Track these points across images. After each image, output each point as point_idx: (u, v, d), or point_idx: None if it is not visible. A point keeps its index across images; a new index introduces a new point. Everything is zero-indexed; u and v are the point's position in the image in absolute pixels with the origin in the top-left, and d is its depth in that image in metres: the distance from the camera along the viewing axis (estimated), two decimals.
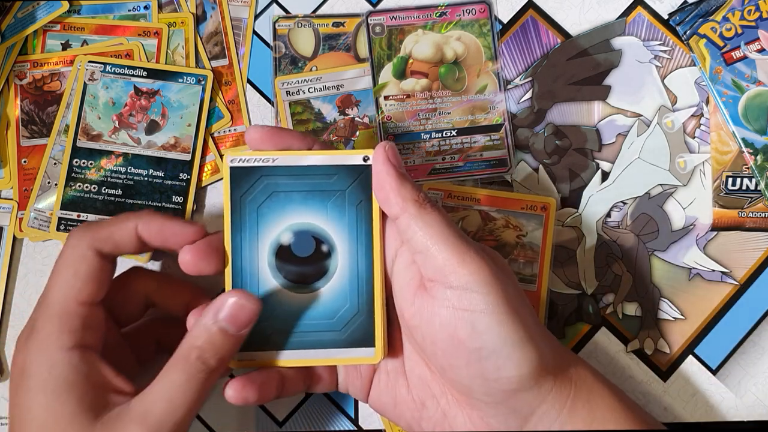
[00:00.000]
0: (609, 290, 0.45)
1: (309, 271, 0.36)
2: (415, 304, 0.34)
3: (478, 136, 0.46)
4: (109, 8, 0.48)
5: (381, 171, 0.34)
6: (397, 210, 0.33)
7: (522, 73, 0.47)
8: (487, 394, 0.33)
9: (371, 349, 0.36)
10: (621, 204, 0.46)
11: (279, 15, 0.48)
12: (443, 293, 0.33)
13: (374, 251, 0.35)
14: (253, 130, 0.35)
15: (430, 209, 0.33)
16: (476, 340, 0.32)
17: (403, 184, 0.34)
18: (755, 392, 0.44)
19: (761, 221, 0.45)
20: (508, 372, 0.32)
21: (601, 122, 0.46)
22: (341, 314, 0.36)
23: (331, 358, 0.36)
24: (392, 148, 0.34)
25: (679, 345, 0.45)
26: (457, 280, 0.32)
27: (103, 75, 0.46)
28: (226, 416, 0.45)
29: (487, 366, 0.32)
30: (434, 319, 0.33)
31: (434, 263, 0.33)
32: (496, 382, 0.33)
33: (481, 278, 0.32)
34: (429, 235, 0.33)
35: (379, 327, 0.36)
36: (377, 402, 0.38)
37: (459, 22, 0.47)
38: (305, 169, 0.35)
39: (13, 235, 0.46)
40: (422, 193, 0.34)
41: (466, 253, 0.32)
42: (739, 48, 0.45)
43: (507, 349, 0.32)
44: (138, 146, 0.46)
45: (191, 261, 0.35)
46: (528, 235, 0.44)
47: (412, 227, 0.33)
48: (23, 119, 0.47)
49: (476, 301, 0.32)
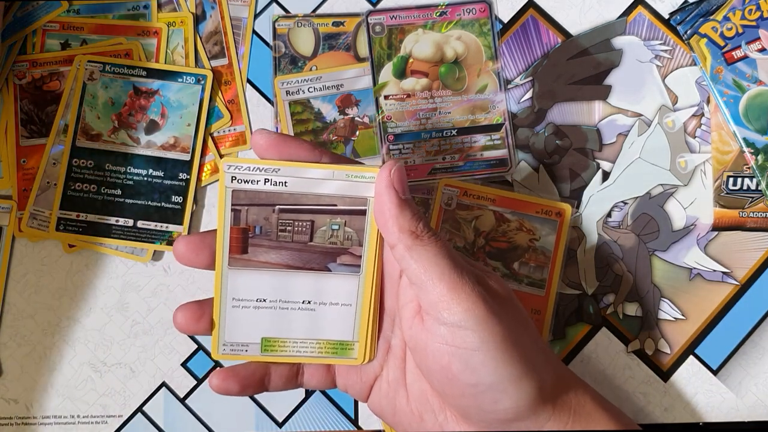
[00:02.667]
0: (609, 290, 0.45)
1: None
2: (413, 328, 0.33)
3: (479, 135, 0.46)
4: (108, 8, 0.47)
5: (382, 196, 0.33)
6: (394, 239, 0.33)
7: (522, 72, 0.47)
8: (484, 421, 0.33)
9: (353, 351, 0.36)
10: (621, 204, 0.46)
11: (279, 14, 0.48)
12: (437, 329, 0.32)
13: (368, 262, 0.35)
14: (259, 135, 0.34)
15: (426, 241, 0.32)
16: (471, 377, 0.32)
17: (402, 212, 0.33)
18: (756, 392, 0.44)
19: (762, 221, 0.45)
20: (504, 405, 0.32)
21: (602, 122, 0.46)
22: None
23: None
24: (399, 170, 0.33)
25: (679, 345, 0.45)
26: (450, 317, 0.31)
27: (103, 74, 0.46)
28: (226, 416, 0.45)
29: (483, 399, 0.32)
30: (428, 351, 0.32)
31: (429, 297, 0.32)
32: (494, 413, 0.33)
33: (476, 314, 0.31)
34: (424, 269, 0.32)
35: (365, 329, 0.36)
36: (377, 406, 0.37)
37: (459, 22, 0.47)
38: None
39: (12, 234, 0.46)
40: (422, 222, 0.33)
41: (462, 288, 0.32)
42: (740, 47, 0.45)
43: (503, 384, 0.32)
44: (137, 146, 0.46)
45: (183, 252, 0.35)
46: (541, 239, 0.44)
47: (407, 259, 0.32)
48: (22, 119, 0.47)
49: (470, 338, 0.31)
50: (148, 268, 0.46)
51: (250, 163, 0.34)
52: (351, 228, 0.35)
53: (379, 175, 0.33)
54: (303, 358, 0.36)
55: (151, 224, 0.46)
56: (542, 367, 0.34)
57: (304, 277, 0.35)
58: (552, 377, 0.34)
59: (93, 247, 0.46)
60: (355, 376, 0.37)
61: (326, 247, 0.35)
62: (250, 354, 0.36)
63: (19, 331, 0.45)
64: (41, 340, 0.45)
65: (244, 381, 0.36)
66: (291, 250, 0.35)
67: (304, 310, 0.36)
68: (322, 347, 0.36)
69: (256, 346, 0.36)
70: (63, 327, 0.46)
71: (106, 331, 0.46)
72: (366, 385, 0.37)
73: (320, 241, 0.35)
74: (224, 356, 0.36)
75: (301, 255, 0.35)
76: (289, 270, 0.35)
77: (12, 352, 0.45)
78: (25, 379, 0.45)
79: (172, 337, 0.46)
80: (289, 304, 0.36)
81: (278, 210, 0.35)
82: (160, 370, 0.45)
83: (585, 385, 0.36)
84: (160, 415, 0.45)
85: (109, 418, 0.45)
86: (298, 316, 0.36)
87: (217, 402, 0.45)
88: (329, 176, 0.34)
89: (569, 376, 0.36)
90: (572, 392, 0.35)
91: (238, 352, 0.36)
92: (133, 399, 0.45)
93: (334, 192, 0.34)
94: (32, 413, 0.45)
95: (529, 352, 0.33)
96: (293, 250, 0.35)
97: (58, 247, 0.46)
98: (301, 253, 0.35)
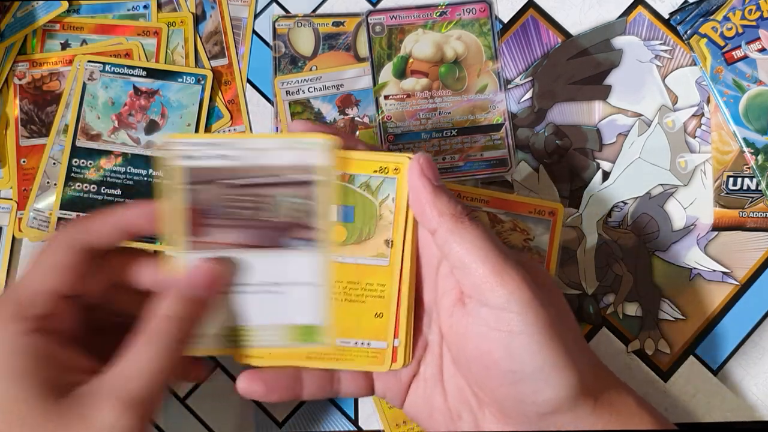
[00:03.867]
0: (609, 290, 0.45)
1: None
2: (453, 316, 0.33)
3: (479, 135, 0.46)
4: (108, 8, 0.47)
5: (416, 185, 0.33)
6: (434, 224, 0.32)
7: (522, 72, 0.47)
8: (523, 414, 0.32)
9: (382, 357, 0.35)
10: (621, 204, 0.46)
11: (279, 14, 0.48)
12: (479, 311, 0.32)
13: (404, 259, 0.34)
14: (295, 125, 0.35)
15: (468, 224, 0.32)
16: (511, 363, 0.31)
17: (439, 197, 0.33)
18: (756, 393, 0.44)
19: (762, 221, 0.45)
20: (544, 395, 0.31)
21: (602, 122, 0.46)
22: None
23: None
24: (427, 160, 0.33)
25: (679, 345, 0.45)
26: (494, 299, 0.31)
27: (103, 75, 0.46)
28: (226, 416, 0.45)
29: (522, 389, 0.31)
30: (469, 337, 0.32)
31: (472, 280, 0.32)
32: (533, 405, 0.32)
33: (520, 298, 0.31)
34: (466, 251, 0.32)
35: (404, 331, 0.34)
36: (412, 409, 0.37)
37: (459, 22, 0.47)
38: None
39: (12, 235, 0.46)
40: (460, 205, 0.33)
41: (505, 271, 0.31)
42: (740, 47, 0.45)
43: (544, 372, 0.31)
44: (137, 146, 0.46)
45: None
46: (535, 239, 0.44)
47: (449, 242, 0.32)
48: (22, 119, 0.47)
49: (513, 322, 0.31)
50: None
51: (196, 138, 0.33)
52: (303, 199, 0.34)
53: (410, 168, 0.33)
54: (270, 348, 0.35)
55: None
56: (584, 361, 0.33)
57: (264, 256, 0.34)
58: (593, 373, 0.33)
59: None
60: (393, 378, 0.37)
61: (282, 222, 0.34)
62: (208, 346, 0.34)
63: None
64: None
65: (270, 384, 0.35)
66: (249, 228, 0.34)
67: (266, 293, 0.34)
68: (289, 334, 0.35)
69: (214, 338, 0.34)
70: None
71: None
72: (404, 387, 0.37)
73: (277, 215, 0.34)
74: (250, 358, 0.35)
75: (260, 233, 0.34)
76: (248, 250, 0.34)
77: None
78: None
79: None
80: (249, 287, 0.34)
81: (233, 185, 0.33)
82: None
83: (627, 386, 0.35)
84: (160, 415, 0.45)
85: None
86: (259, 300, 0.34)
87: (217, 402, 0.45)
88: (278, 146, 0.33)
89: (610, 374, 0.36)
90: (614, 391, 0.34)
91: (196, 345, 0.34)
92: None
93: (286, 163, 0.33)
94: None
95: (571, 343, 0.32)
96: (252, 228, 0.34)
97: None
98: (260, 230, 0.34)
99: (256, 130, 0.47)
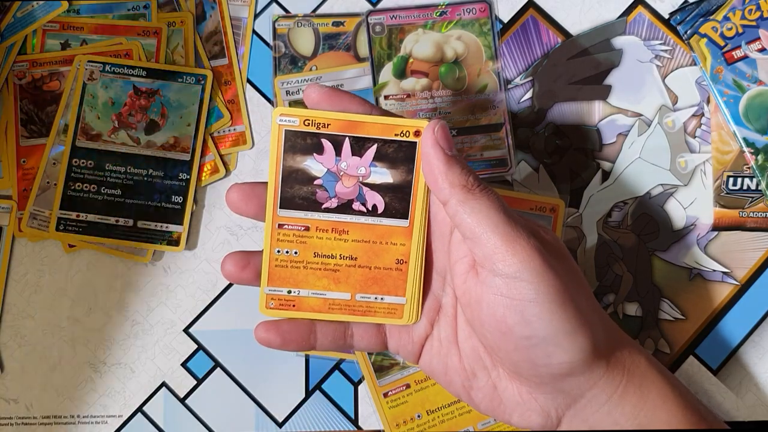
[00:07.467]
0: (610, 290, 0.45)
1: None
2: (467, 283, 0.34)
3: (479, 135, 0.46)
4: (108, 8, 0.47)
5: (429, 154, 0.33)
6: (446, 195, 0.33)
7: (522, 72, 0.47)
8: (536, 376, 0.33)
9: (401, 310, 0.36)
10: (622, 204, 0.46)
11: (279, 14, 0.48)
12: (492, 281, 0.32)
13: (415, 222, 0.35)
14: (311, 89, 0.35)
15: (479, 194, 0.32)
16: (525, 329, 0.32)
17: (451, 167, 0.33)
18: (756, 392, 0.44)
19: (762, 221, 0.45)
20: (558, 359, 0.32)
21: (602, 122, 0.46)
22: None
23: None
24: (442, 128, 0.33)
25: (679, 345, 0.45)
26: (506, 269, 0.32)
27: (103, 74, 0.46)
28: (226, 416, 0.45)
29: (536, 352, 0.32)
30: (482, 304, 0.33)
31: (483, 250, 0.32)
32: (546, 368, 0.33)
33: (532, 266, 0.31)
34: (477, 222, 0.32)
35: (413, 289, 0.36)
36: (428, 367, 0.37)
37: (459, 22, 0.47)
38: None
39: (12, 235, 0.46)
40: (471, 176, 0.33)
41: (516, 240, 0.32)
42: (740, 47, 0.45)
43: (558, 338, 0.32)
44: (137, 146, 0.46)
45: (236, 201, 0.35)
46: None
47: (460, 213, 0.32)
48: (22, 119, 0.47)
49: (526, 290, 0.31)
50: (148, 268, 0.46)
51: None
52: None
53: (425, 134, 0.34)
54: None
55: (151, 224, 0.46)
56: (596, 323, 0.33)
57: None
58: (605, 335, 0.34)
59: (93, 247, 0.46)
60: (407, 336, 0.37)
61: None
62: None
63: (19, 331, 0.45)
64: (41, 340, 0.45)
65: (286, 335, 0.36)
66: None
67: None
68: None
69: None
70: (63, 327, 0.46)
71: (106, 331, 0.46)
72: (417, 345, 0.37)
73: None
74: (271, 311, 0.36)
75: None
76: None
77: (12, 352, 0.45)
78: (25, 378, 0.45)
79: (172, 337, 0.46)
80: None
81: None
82: (160, 370, 0.46)
83: (639, 346, 0.36)
84: (160, 415, 0.45)
85: (109, 418, 0.45)
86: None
87: (217, 402, 0.45)
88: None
89: (622, 336, 0.36)
90: (626, 351, 0.35)
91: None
92: (133, 399, 0.45)
93: None
94: (32, 413, 0.45)
95: (584, 307, 0.33)
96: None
97: (58, 247, 0.46)
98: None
99: (257, 130, 0.47)
